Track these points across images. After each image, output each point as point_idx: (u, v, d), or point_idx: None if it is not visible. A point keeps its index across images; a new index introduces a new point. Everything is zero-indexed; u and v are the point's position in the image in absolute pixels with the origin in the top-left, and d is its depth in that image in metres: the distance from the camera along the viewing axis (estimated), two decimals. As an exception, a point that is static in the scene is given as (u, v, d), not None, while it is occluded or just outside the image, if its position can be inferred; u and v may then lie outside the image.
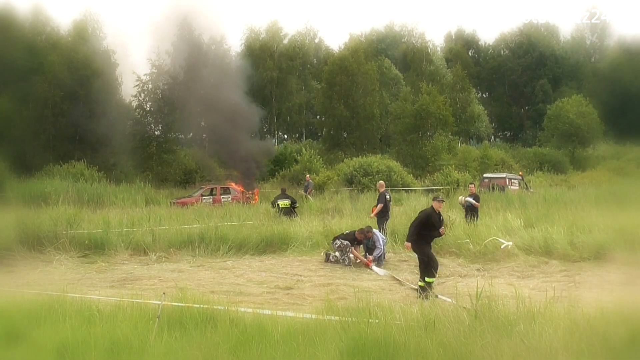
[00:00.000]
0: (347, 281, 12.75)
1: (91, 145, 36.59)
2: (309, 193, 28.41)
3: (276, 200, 23.52)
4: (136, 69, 39.30)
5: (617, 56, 46.35)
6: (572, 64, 67.72)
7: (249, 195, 31.78)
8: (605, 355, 6.22)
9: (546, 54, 67.86)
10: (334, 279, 12.97)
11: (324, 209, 23.67)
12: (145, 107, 39.44)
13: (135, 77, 38.59)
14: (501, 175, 35.01)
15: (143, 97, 39.07)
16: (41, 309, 8.07)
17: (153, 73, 38.81)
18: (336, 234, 15.56)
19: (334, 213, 20.49)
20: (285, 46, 58.49)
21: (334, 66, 49.61)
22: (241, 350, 6.77)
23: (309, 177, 31.28)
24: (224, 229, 16.83)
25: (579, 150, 50.20)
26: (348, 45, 57.12)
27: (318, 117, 58.73)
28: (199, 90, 38.43)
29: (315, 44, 68.50)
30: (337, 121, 49.00)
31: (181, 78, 39.31)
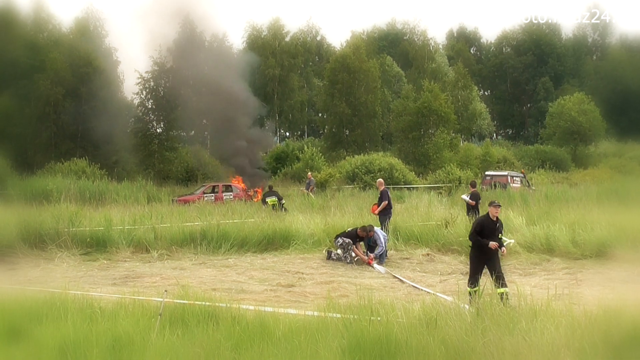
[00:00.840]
0: (349, 279, 12.77)
1: (93, 143, 36.53)
2: (311, 190, 28.40)
3: (265, 197, 24.11)
4: (138, 66, 39.35)
5: (619, 54, 46.36)
6: (574, 61, 67.66)
7: (252, 193, 31.77)
8: (606, 352, 6.22)
9: (548, 51, 67.77)
10: (335, 277, 12.98)
11: (326, 206, 23.63)
12: (146, 105, 39.42)
13: (137, 75, 38.64)
14: (503, 173, 34.95)
15: (145, 95, 39.07)
16: (43, 307, 8.08)
17: (155, 70, 38.78)
18: (338, 232, 15.56)
19: (336, 211, 20.43)
20: (287, 44, 58.37)
21: (336, 64, 49.59)
22: (243, 347, 6.78)
23: (311, 175, 31.25)
24: (226, 226, 16.80)
25: (580, 148, 50.09)
26: (350, 43, 57.06)
27: (320, 115, 58.78)
28: (197, 80, 38.44)
29: (317, 41, 68.58)
30: (339, 119, 48.98)
31: (179, 68, 39.36)
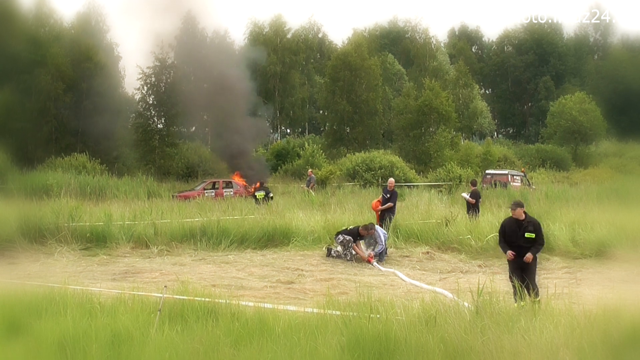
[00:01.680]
0: (349, 276, 12.76)
1: (93, 138, 36.47)
2: (311, 188, 28.41)
3: (254, 192, 25.11)
4: (139, 61, 39.33)
5: (620, 53, 46.24)
6: (575, 61, 67.60)
7: (252, 189, 31.75)
8: (606, 352, 6.22)
9: (549, 51, 67.72)
10: (335, 274, 12.97)
11: (326, 203, 23.63)
12: (147, 100, 39.40)
13: (139, 70, 38.62)
14: (503, 171, 34.98)
15: (146, 90, 39.05)
16: (42, 302, 8.07)
17: (156, 66, 38.75)
18: (338, 229, 15.55)
19: (336, 208, 20.43)
20: (288, 41, 58.33)
21: (337, 61, 49.59)
22: (242, 344, 6.77)
23: (311, 172, 31.27)
24: (226, 222, 16.79)
25: (581, 148, 50.11)
26: (351, 40, 57.08)
27: (321, 112, 58.70)
28: (198, 76, 38.41)
29: (319, 38, 68.55)
30: (340, 116, 48.95)
31: (180, 64, 39.36)
